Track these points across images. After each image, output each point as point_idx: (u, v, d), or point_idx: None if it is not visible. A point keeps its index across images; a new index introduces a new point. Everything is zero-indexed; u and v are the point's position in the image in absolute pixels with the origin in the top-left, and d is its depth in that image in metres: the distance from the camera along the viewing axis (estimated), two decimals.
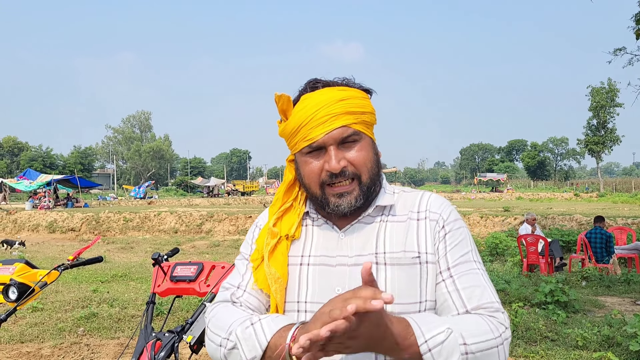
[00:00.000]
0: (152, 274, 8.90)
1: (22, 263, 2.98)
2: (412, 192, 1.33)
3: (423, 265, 1.19)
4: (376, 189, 1.26)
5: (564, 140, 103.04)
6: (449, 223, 1.23)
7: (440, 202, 1.27)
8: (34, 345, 5.43)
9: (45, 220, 22.00)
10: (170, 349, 2.42)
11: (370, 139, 1.26)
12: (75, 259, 3.09)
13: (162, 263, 2.83)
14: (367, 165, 1.23)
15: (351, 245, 1.24)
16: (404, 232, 1.23)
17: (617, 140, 57.81)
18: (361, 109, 1.22)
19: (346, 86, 1.26)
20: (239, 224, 19.68)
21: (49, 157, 71.65)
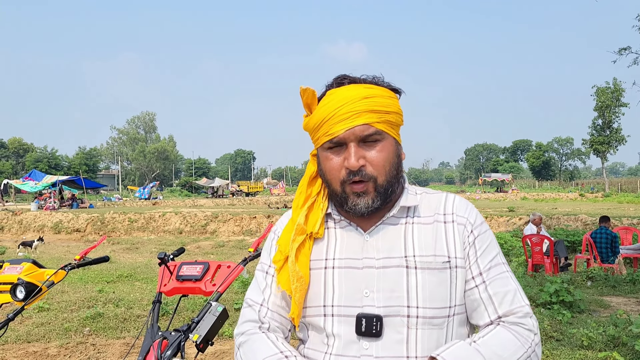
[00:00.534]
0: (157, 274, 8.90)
1: (29, 263, 3.01)
2: (435, 193, 1.31)
3: (453, 270, 1.19)
4: (394, 190, 1.24)
5: (569, 140, 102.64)
6: (477, 227, 1.23)
7: (466, 205, 1.26)
8: (41, 345, 5.47)
9: (51, 221, 22.11)
10: (176, 347, 2.43)
11: (393, 140, 1.23)
12: (82, 259, 3.12)
13: (168, 263, 2.85)
14: (385, 167, 1.20)
15: (377, 247, 1.22)
16: (433, 235, 1.21)
17: (623, 140, 57.55)
18: (385, 108, 1.20)
19: (373, 84, 1.24)
20: (244, 224, 19.72)
21: (54, 158, 71.90)
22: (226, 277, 2.74)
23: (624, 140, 57.45)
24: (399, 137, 1.26)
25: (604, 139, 57.26)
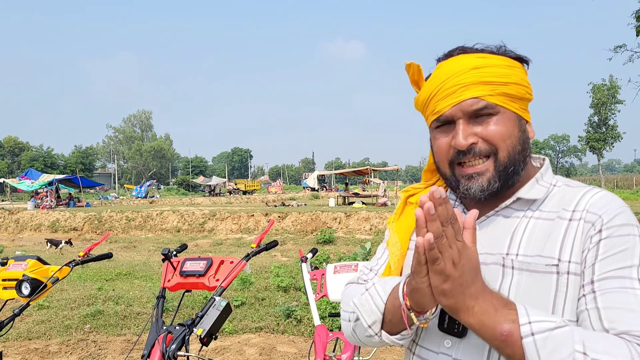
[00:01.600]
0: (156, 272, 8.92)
1: (34, 259, 3.04)
2: (577, 186, 1.08)
3: (562, 276, 0.98)
4: (518, 171, 1.07)
5: (565, 137, 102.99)
6: (610, 227, 0.97)
7: (607, 201, 1.01)
8: (42, 342, 5.50)
9: (48, 220, 22.08)
10: (181, 341, 2.46)
11: (514, 115, 1.06)
12: (86, 255, 3.15)
13: (171, 259, 2.88)
14: (505, 141, 1.04)
15: (482, 240, 1.05)
16: (547, 233, 1.02)
17: (619, 137, 57.73)
18: (501, 79, 1.04)
19: (488, 52, 1.09)
20: (242, 222, 19.74)
21: (50, 157, 71.76)
22: (229, 272, 2.77)
23: (619, 137, 57.63)
24: (524, 113, 1.09)
25: (600, 136, 57.42)
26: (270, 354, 5.11)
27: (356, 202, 25.93)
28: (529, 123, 1.11)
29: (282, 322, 5.98)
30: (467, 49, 1.11)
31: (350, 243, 15.37)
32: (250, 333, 5.81)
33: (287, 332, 5.76)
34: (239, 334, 5.76)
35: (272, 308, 6.55)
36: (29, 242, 18.11)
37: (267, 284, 8.06)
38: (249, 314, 6.40)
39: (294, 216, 19.29)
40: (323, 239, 15.58)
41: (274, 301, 6.91)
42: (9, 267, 3.00)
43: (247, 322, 6.13)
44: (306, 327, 5.80)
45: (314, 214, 19.36)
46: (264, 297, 7.22)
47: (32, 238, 19.98)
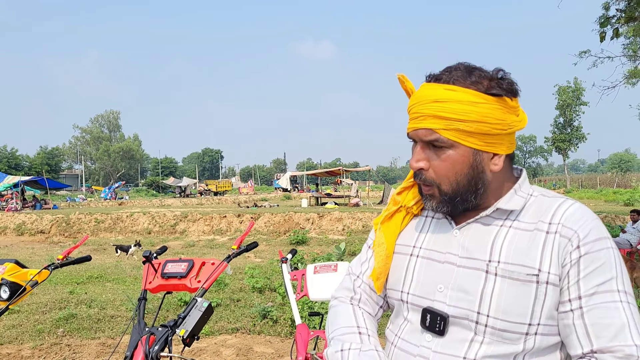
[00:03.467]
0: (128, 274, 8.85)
1: (12, 263, 3.02)
2: (552, 197, 1.16)
3: (541, 286, 1.06)
4: (469, 199, 1.15)
5: (532, 138, 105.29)
6: (587, 243, 1.05)
7: (580, 216, 1.08)
8: (14, 347, 5.41)
9: (13, 223, 21.55)
10: (163, 342, 2.49)
11: (470, 150, 1.11)
12: (65, 258, 3.14)
13: (152, 260, 2.91)
14: (448, 178, 1.13)
15: (463, 244, 1.16)
16: (527, 244, 1.10)
17: (583, 138, 59.37)
18: (458, 116, 1.09)
19: (459, 85, 1.11)
20: (214, 223, 19.63)
21: (14, 158, 69.92)
22: (210, 273, 2.81)
23: (584, 138, 59.28)
24: (487, 147, 1.12)
25: (565, 137, 58.96)
26: (247, 354, 5.14)
27: (329, 203, 26.04)
28: (498, 155, 1.14)
29: (258, 322, 6.01)
30: (441, 76, 1.14)
31: (323, 243, 15.45)
32: (227, 334, 5.82)
33: (264, 333, 5.80)
34: (215, 335, 5.77)
35: (248, 309, 6.58)
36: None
37: (242, 285, 8.07)
38: (225, 315, 6.41)
39: (266, 217, 19.28)
40: (296, 239, 15.63)
41: (249, 302, 6.93)
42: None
43: (223, 323, 6.14)
44: (282, 328, 5.84)
45: (286, 214, 19.38)
46: (239, 298, 7.23)
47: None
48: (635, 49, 10.23)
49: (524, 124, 1.16)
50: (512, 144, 1.17)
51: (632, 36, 8.02)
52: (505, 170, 1.18)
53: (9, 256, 13.89)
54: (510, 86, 1.13)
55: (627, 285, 1.04)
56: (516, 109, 1.14)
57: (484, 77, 1.12)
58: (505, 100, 1.11)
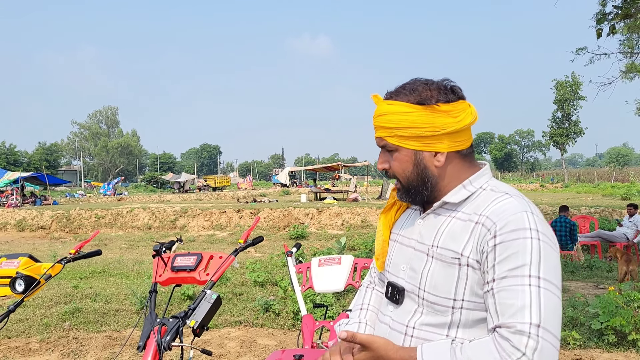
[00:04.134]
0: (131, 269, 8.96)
1: (26, 257, 3.12)
2: (497, 192, 1.31)
3: (462, 267, 1.25)
4: (422, 192, 1.37)
5: (530, 133, 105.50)
6: (503, 234, 1.19)
7: (504, 210, 1.23)
8: (22, 340, 5.52)
9: (14, 219, 21.62)
10: (175, 333, 2.60)
11: (411, 152, 1.35)
12: (77, 253, 3.25)
13: (162, 254, 3.01)
14: (402, 174, 1.39)
15: (421, 232, 1.39)
16: (459, 232, 1.29)
17: (581, 132, 59.48)
18: (395, 125, 1.33)
19: (395, 100, 1.36)
20: (214, 219, 19.72)
21: (12, 154, 69.83)
22: (219, 266, 2.91)
23: (582, 133, 59.39)
24: (426, 147, 1.33)
25: (563, 131, 59.05)
26: (251, 346, 5.26)
27: (327, 198, 26.14)
28: (440, 153, 1.34)
29: (261, 315, 6.13)
30: (388, 94, 1.39)
31: (322, 238, 15.56)
32: (230, 327, 5.94)
33: (267, 325, 5.91)
34: (219, 328, 5.88)
35: (250, 302, 6.69)
36: None
37: (244, 279, 8.18)
38: (228, 309, 6.53)
39: (266, 212, 19.37)
40: (296, 234, 15.73)
41: (252, 296, 7.04)
42: (1, 265, 3.08)
43: (226, 316, 6.25)
44: (285, 320, 5.96)
45: (285, 209, 19.47)
46: (241, 292, 7.34)
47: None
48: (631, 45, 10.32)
49: (462, 124, 1.32)
50: (456, 142, 1.34)
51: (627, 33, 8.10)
52: (457, 165, 1.37)
53: (10, 252, 13.97)
54: (443, 95, 1.33)
55: (542, 271, 1.14)
56: (450, 112, 1.31)
57: (418, 90, 1.34)
58: (435, 107, 1.31)
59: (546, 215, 15.78)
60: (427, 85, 1.35)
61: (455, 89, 1.36)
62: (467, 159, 1.38)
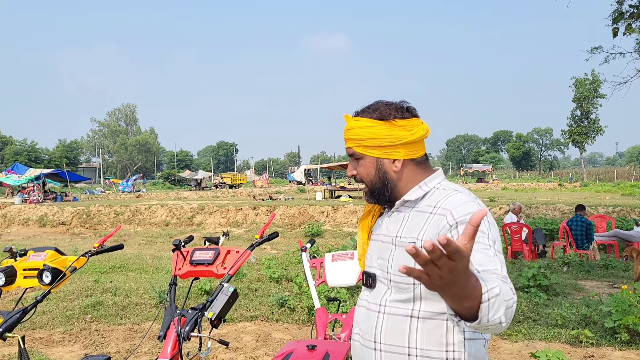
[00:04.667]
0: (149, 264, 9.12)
1: (52, 250, 3.26)
2: (448, 190, 1.58)
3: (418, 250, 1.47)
4: (383, 193, 1.64)
5: (549, 131, 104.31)
6: (461, 216, 1.46)
7: (456, 200, 1.51)
8: (45, 332, 5.71)
9: (36, 215, 22.05)
10: (193, 323, 2.72)
11: (373, 159, 1.63)
12: (100, 247, 3.38)
13: (181, 249, 3.13)
14: (366, 178, 1.66)
15: (387, 227, 1.65)
16: (417, 222, 1.54)
17: (600, 131, 58.75)
18: (360, 137, 1.62)
19: (361, 116, 1.64)
20: (230, 216, 19.92)
21: (34, 151, 70.95)
22: (235, 261, 3.02)
23: (601, 131, 58.65)
24: (386, 154, 1.61)
25: (582, 130, 58.38)
26: (266, 340, 5.38)
27: (343, 196, 26.21)
28: (398, 160, 1.61)
29: (276, 311, 6.25)
30: (356, 112, 1.66)
31: (337, 236, 15.66)
32: (246, 321, 6.07)
33: (282, 320, 6.03)
34: (235, 322, 6.02)
35: (266, 298, 6.81)
36: (17, 237, 18.13)
37: (260, 275, 8.31)
38: (244, 304, 6.66)
39: (281, 210, 19.52)
40: (311, 232, 15.85)
41: (267, 292, 7.16)
42: (29, 258, 3.23)
43: (242, 311, 6.38)
44: (300, 315, 6.07)
45: (301, 207, 19.61)
46: (257, 287, 7.47)
47: (20, 232, 19.98)
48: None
49: (415, 136, 1.59)
50: (412, 151, 1.62)
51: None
52: (413, 170, 1.63)
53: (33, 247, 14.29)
54: (400, 113, 1.60)
55: (496, 244, 1.43)
56: (405, 127, 1.59)
57: (380, 109, 1.61)
58: (392, 122, 1.59)
59: (563, 215, 15.69)
60: (387, 105, 1.63)
61: (410, 109, 1.64)
62: (422, 165, 1.65)
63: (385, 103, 1.65)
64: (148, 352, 4.97)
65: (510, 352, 4.97)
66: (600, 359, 4.73)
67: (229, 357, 4.84)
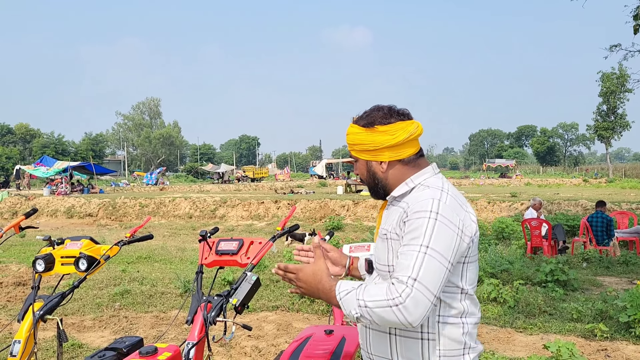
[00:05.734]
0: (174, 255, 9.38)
1: (87, 239, 3.49)
2: (428, 187, 1.71)
3: (388, 241, 1.70)
4: (378, 190, 1.83)
5: (574, 126, 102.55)
6: (411, 214, 1.61)
7: (417, 197, 1.66)
8: (77, 318, 5.98)
9: (63, 206, 22.65)
10: (219, 309, 2.90)
11: (364, 162, 1.83)
12: (132, 236, 3.60)
13: (207, 239, 3.32)
14: (362, 177, 1.88)
15: (382, 220, 1.85)
16: (393, 216, 1.73)
17: (627, 126, 57.61)
18: (352, 142, 1.82)
19: (354, 124, 1.83)
20: (252, 209, 20.19)
21: (61, 144, 72.41)
22: (258, 251, 3.20)
23: (628, 126, 57.52)
24: (374, 157, 1.79)
25: (608, 125, 57.31)
26: (287, 329, 5.57)
27: (364, 190, 26.29)
28: (384, 162, 1.78)
29: (297, 301, 6.43)
30: (354, 118, 1.84)
31: (358, 230, 15.80)
32: (267, 311, 6.27)
33: (302, 311, 6.22)
34: (257, 312, 6.22)
35: (286, 289, 7.00)
36: (46, 228, 18.65)
37: None
38: (265, 294, 6.86)
39: (302, 203, 19.73)
40: (332, 225, 16.02)
41: (288, 283, 7.34)
42: (67, 246, 3.45)
43: (263, 301, 6.59)
44: (319, 306, 6.25)
45: (322, 201, 19.78)
46: (278, 279, 7.66)
47: (48, 223, 20.55)
48: None
49: (398, 139, 1.73)
50: (397, 153, 1.76)
51: None
52: (400, 169, 1.78)
53: None
54: (384, 119, 1.74)
55: (432, 242, 1.53)
56: (387, 132, 1.73)
57: (368, 116, 1.78)
58: (374, 129, 1.75)
59: (586, 211, 15.58)
60: (376, 112, 1.78)
61: (397, 113, 1.77)
62: (410, 163, 1.78)
63: (375, 109, 1.81)
64: (174, 339, 5.21)
65: (525, 345, 5.08)
66: (613, 352, 4.81)
67: (252, 344, 5.04)
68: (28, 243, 12.82)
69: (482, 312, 6.05)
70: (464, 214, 1.64)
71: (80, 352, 4.88)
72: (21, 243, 12.76)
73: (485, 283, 6.57)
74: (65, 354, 4.67)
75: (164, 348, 2.75)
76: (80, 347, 5.00)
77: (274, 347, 4.99)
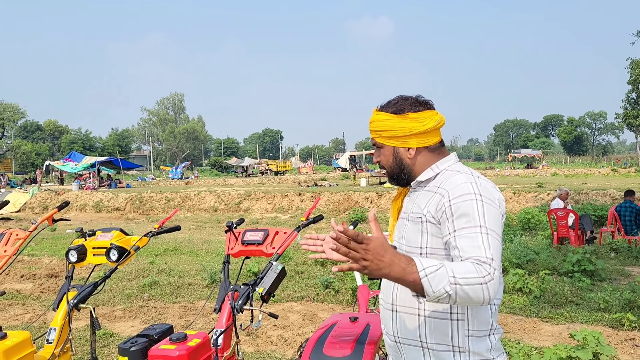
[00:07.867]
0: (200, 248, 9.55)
1: (117, 231, 3.59)
2: (454, 171, 1.75)
3: (424, 224, 1.70)
4: (401, 177, 1.86)
5: (602, 115, 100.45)
6: (454, 198, 1.63)
7: (453, 181, 1.68)
8: (107, 308, 6.15)
9: (92, 201, 23.12)
10: (245, 298, 2.97)
11: (391, 148, 1.85)
12: (160, 228, 3.69)
13: (233, 230, 3.39)
14: (387, 164, 1.88)
15: (406, 205, 1.88)
16: (424, 200, 1.74)
17: None
18: (378, 129, 1.84)
19: (380, 110, 1.86)
20: (276, 202, 20.33)
21: (88, 140, 73.87)
22: (283, 241, 3.26)
23: None
24: (402, 144, 1.82)
25: (637, 113, 55.95)
26: (312, 319, 5.64)
27: (387, 182, 26.22)
28: (412, 148, 1.82)
29: (322, 292, 6.50)
30: (379, 106, 1.87)
31: (382, 222, 15.78)
32: (293, 302, 6.35)
33: (327, 301, 6.28)
34: (282, 302, 6.31)
35: (311, 280, 7.08)
36: (75, 222, 19.05)
37: (305, 258, 8.59)
38: (290, 285, 6.94)
39: (326, 196, 19.78)
40: (355, 217, 16.04)
41: (313, 274, 7.43)
42: (98, 237, 3.56)
43: (289, 292, 6.67)
44: (344, 297, 6.30)
45: (346, 193, 19.82)
46: (302, 270, 7.75)
47: (78, 217, 21.00)
48: None
49: (427, 126, 1.79)
50: (425, 140, 1.81)
51: None
52: (426, 156, 1.83)
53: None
54: (413, 107, 1.80)
55: (487, 221, 1.57)
56: (416, 119, 1.79)
57: (396, 104, 1.82)
58: (405, 116, 1.79)
59: (614, 201, 15.31)
60: (403, 100, 1.83)
61: (424, 102, 1.83)
62: (436, 151, 1.84)
63: (402, 98, 1.85)
64: (202, 328, 5.31)
65: (551, 334, 5.06)
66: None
67: (278, 334, 5.12)
68: (59, 237, 13.15)
69: (508, 302, 6.03)
70: (497, 193, 1.71)
71: (112, 340, 5.03)
72: (52, 237, 13.09)
73: (511, 273, 6.54)
74: (98, 343, 4.81)
75: (193, 335, 2.83)
76: (112, 336, 5.14)
77: (299, 336, 5.06)
